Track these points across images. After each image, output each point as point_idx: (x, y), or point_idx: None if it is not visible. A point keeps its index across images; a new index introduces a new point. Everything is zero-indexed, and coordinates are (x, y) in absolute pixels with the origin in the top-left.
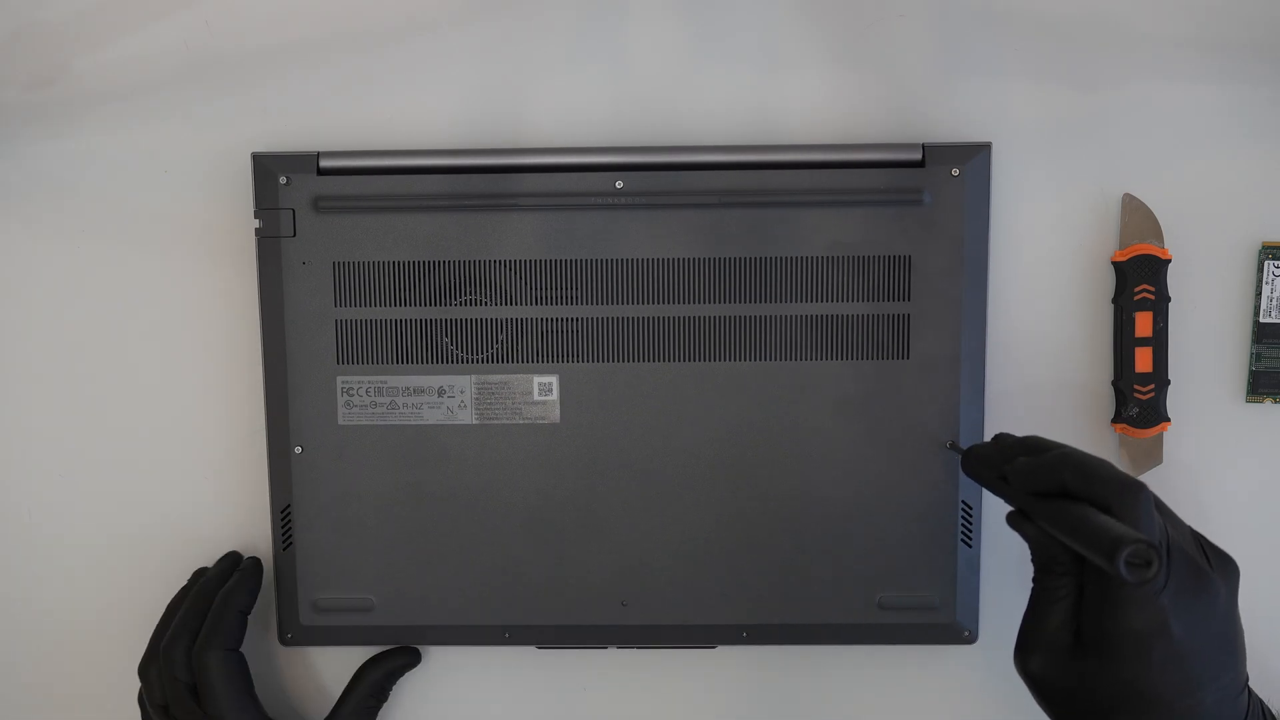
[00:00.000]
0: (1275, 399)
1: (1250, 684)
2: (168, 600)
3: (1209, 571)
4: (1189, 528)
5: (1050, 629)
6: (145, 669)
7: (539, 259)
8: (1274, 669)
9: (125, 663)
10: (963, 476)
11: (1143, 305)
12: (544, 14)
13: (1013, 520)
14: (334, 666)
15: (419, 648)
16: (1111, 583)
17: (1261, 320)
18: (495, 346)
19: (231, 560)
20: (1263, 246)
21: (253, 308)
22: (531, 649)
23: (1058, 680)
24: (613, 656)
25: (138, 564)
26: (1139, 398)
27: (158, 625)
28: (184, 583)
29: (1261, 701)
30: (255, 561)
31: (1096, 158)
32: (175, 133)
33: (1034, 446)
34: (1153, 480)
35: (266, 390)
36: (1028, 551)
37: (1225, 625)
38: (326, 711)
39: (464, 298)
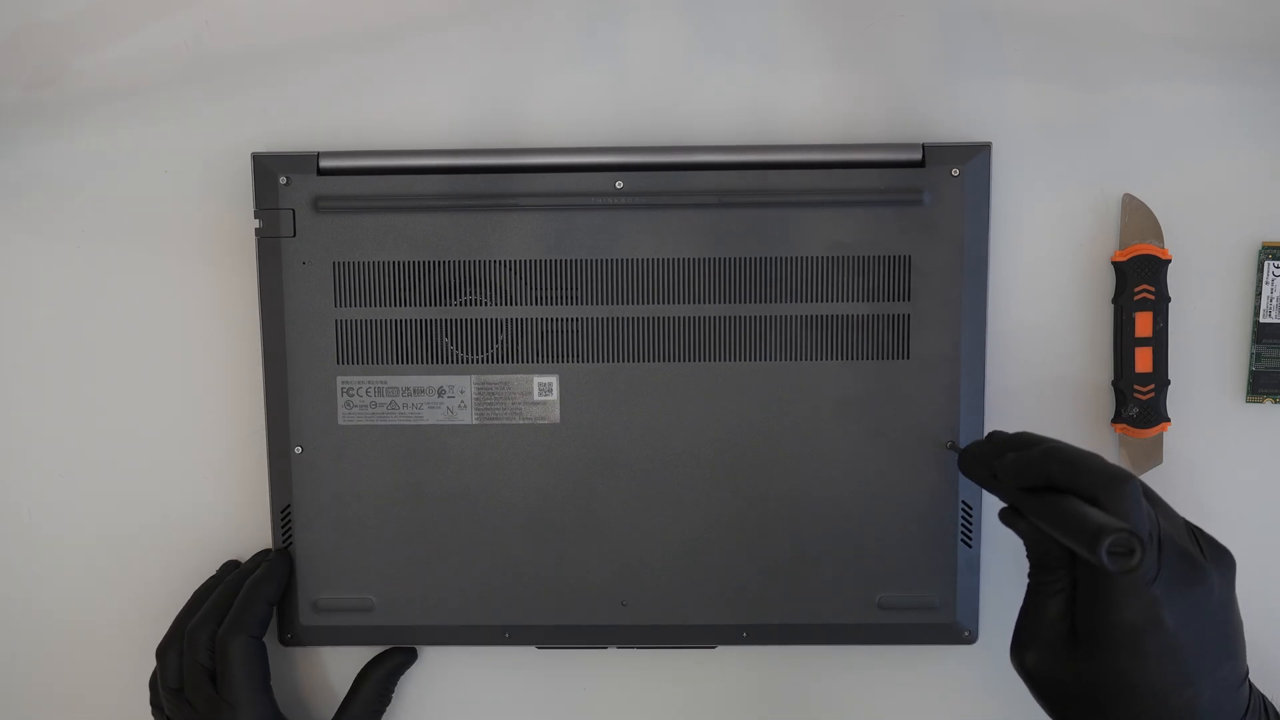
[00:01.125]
0: (1275, 399)
1: (1252, 679)
2: (168, 600)
3: (1202, 562)
4: (1183, 520)
5: (1045, 624)
6: (164, 651)
7: (539, 259)
8: (1274, 665)
9: (126, 662)
10: (963, 476)
11: (1143, 305)
12: (544, 14)
13: (1005, 516)
14: (333, 666)
15: (416, 646)
16: (1103, 575)
17: (1261, 320)
18: (495, 346)
19: (264, 557)
20: (1263, 246)
21: (253, 308)
22: (531, 649)
23: (1054, 675)
24: (613, 656)
25: (138, 564)
26: (1139, 398)
27: (182, 610)
28: (185, 581)
29: (1263, 696)
30: (284, 554)
31: (1096, 158)
32: (175, 133)
33: (1024, 442)
34: (1153, 480)
35: (266, 390)
36: (1026, 549)
37: (1221, 617)
38: (326, 711)
39: (464, 298)
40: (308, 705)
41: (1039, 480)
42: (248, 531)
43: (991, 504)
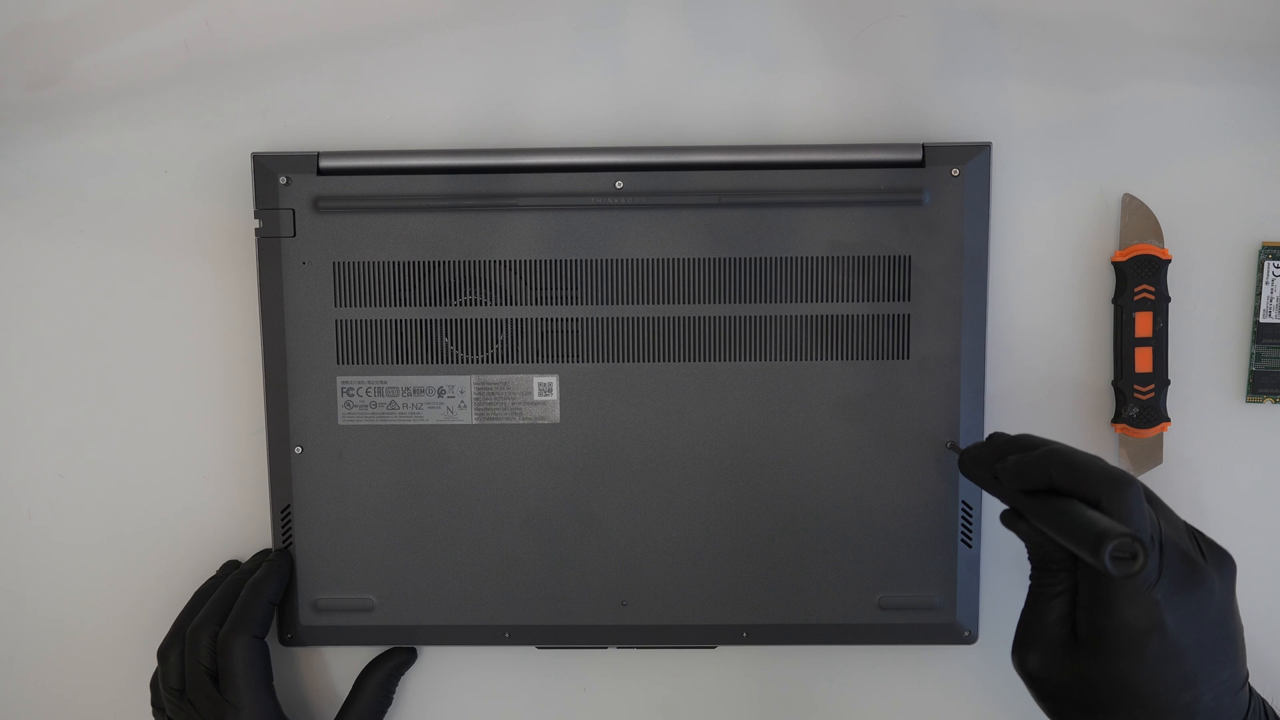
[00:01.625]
0: (1275, 399)
1: (1251, 682)
2: (168, 599)
3: (1203, 565)
4: (1184, 522)
5: (1047, 626)
6: (165, 651)
7: (539, 259)
8: (1274, 668)
9: (126, 661)
10: (964, 476)
11: (1143, 305)
12: (544, 14)
13: (1006, 519)
14: (334, 666)
15: (416, 646)
16: (1104, 578)
17: (1261, 320)
18: (495, 346)
19: (264, 557)
20: (1263, 246)
21: (253, 308)
22: (531, 649)
23: (1055, 677)
24: (613, 656)
25: (138, 564)
26: (1139, 398)
27: (183, 611)
28: (185, 581)
29: (1264, 701)
30: (284, 554)
31: (1096, 158)
32: (175, 133)
33: (1025, 444)
34: (1153, 480)
35: (266, 390)
36: (1027, 551)
37: (1222, 620)
38: (327, 711)
39: (464, 298)
40: (309, 705)
41: (1040, 483)
42: (248, 531)
43: (992, 504)
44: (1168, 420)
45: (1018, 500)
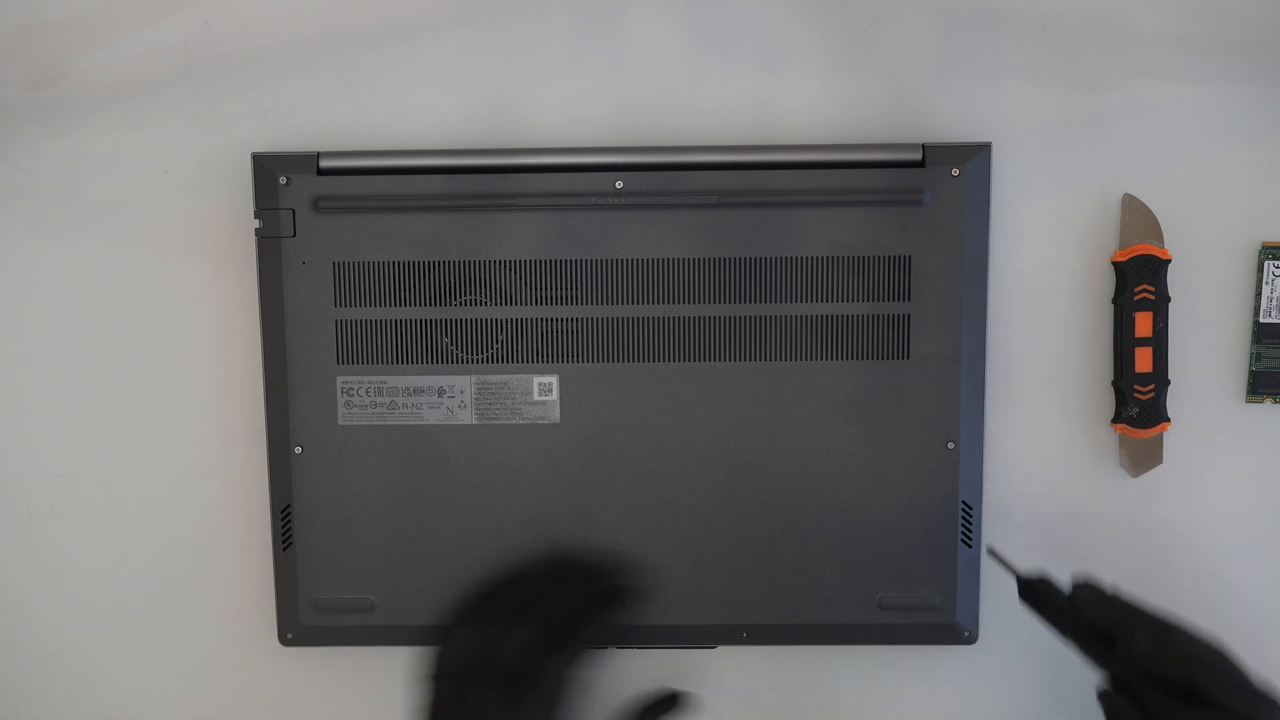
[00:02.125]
0: (1275, 399)
1: (1252, 680)
2: (166, 600)
3: None
4: None
5: None
6: (452, 633)
7: (539, 259)
8: (1274, 667)
9: (125, 662)
10: (962, 476)
11: (1143, 305)
12: (544, 14)
13: (1109, 699)
14: (334, 667)
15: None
16: None
17: (1261, 320)
18: (495, 346)
19: (600, 564)
20: (1263, 246)
21: (253, 308)
22: None
23: None
24: (613, 656)
25: (138, 564)
26: (1139, 398)
27: (477, 592)
28: (184, 581)
29: None
30: (622, 591)
31: (1096, 158)
32: (175, 133)
33: (1149, 621)
34: (1153, 480)
35: (266, 390)
36: (1026, 552)
37: None
38: (327, 712)
39: (464, 298)
40: (307, 707)
41: (1179, 681)
42: (247, 532)
43: (992, 505)
44: (1168, 420)
45: (1143, 688)
